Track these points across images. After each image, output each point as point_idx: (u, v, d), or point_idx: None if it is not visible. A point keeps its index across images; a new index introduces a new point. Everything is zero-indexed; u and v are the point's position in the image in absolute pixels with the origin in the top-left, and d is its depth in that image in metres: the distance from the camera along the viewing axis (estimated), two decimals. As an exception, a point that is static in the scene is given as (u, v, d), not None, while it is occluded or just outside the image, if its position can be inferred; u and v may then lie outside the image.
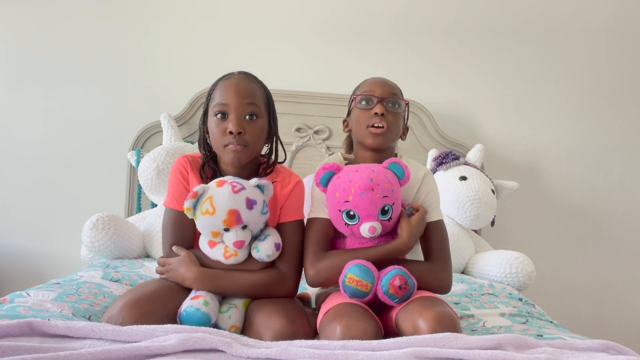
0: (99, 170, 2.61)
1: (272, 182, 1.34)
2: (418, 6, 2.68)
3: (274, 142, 1.42)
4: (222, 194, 1.24)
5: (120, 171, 2.55)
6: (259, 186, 1.29)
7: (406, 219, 1.31)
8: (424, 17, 2.68)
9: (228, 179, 1.29)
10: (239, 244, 1.26)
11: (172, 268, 1.31)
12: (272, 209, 1.34)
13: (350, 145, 1.53)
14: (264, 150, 1.44)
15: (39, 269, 2.61)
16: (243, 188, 1.26)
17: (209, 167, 1.37)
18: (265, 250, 1.29)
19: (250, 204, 1.25)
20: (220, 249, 1.29)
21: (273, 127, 1.41)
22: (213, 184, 1.28)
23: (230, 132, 1.29)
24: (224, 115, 1.31)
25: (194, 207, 1.26)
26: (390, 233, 1.34)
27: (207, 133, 1.38)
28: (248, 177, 1.34)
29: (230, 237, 1.25)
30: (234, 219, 1.24)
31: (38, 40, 2.61)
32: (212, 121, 1.33)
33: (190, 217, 1.27)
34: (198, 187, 1.26)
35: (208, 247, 1.30)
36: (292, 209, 1.38)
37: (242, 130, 1.29)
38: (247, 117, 1.31)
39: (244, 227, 1.26)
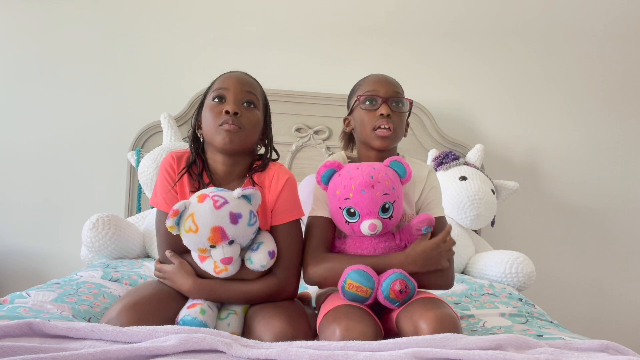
0: (99, 170, 2.61)
1: (259, 187, 1.30)
2: (418, 6, 2.68)
3: (268, 144, 1.39)
4: (203, 211, 1.18)
5: (120, 171, 2.55)
6: (244, 196, 1.23)
7: (424, 241, 1.28)
8: (425, 17, 2.68)
9: (209, 192, 1.22)
10: (226, 261, 1.21)
11: (168, 277, 1.29)
12: (261, 213, 1.30)
13: (348, 142, 1.52)
14: (258, 150, 1.41)
15: (39, 269, 2.61)
16: (226, 202, 1.19)
17: (199, 161, 1.33)
18: (258, 261, 1.24)
19: (234, 218, 1.18)
20: (210, 263, 1.24)
21: (268, 129, 1.39)
22: (194, 199, 1.21)
23: (227, 112, 1.26)
24: (222, 99, 1.30)
25: (177, 223, 1.20)
26: (392, 234, 1.34)
27: (199, 128, 1.35)
28: (239, 176, 1.32)
29: (218, 254, 1.20)
30: (218, 236, 1.18)
31: (38, 41, 2.61)
32: (208, 106, 1.30)
33: (175, 234, 1.22)
34: (179, 204, 1.20)
35: (199, 261, 1.26)
36: (285, 210, 1.33)
37: (239, 112, 1.27)
38: (245, 103, 1.30)
39: (231, 242, 1.20)
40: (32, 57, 2.61)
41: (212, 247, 1.20)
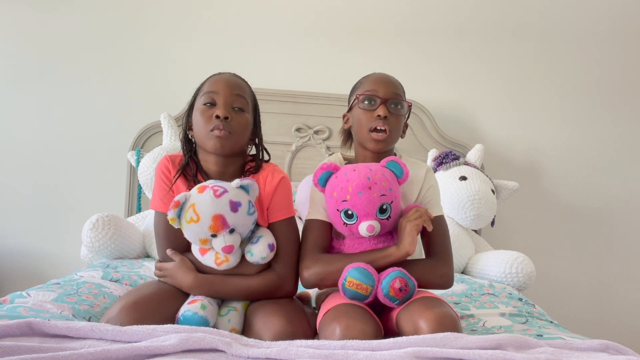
0: (99, 170, 2.61)
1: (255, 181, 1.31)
2: (419, 7, 2.68)
3: (258, 145, 1.40)
4: (204, 200, 1.21)
5: (120, 171, 2.55)
6: (242, 187, 1.26)
7: (409, 225, 1.27)
8: (425, 17, 2.68)
9: (209, 183, 1.25)
10: (228, 249, 1.23)
11: (169, 274, 1.30)
12: (258, 211, 1.31)
13: (346, 139, 1.52)
14: (249, 150, 1.42)
15: (39, 269, 2.61)
16: (225, 191, 1.22)
17: (192, 163, 1.34)
18: (259, 253, 1.26)
19: (234, 206, 1.22)
20: (211, 255, 1.26)
21: (258, 130, 1.40)
22: (194, 190, 1.24)
23: (217, 117, 1.27)
24: (212, 103, 1.30)
25: (178, 216, 1.23)
26: (390, 233, 1.34)
27: (190, 129, 1.36)
28: (232, 176, 1.33)
29: (219, 243, 1.22)
30: (219, 224, 1.21)
31: (38, 41, 2.61)
32: (199, 110, 1.31)
33: (176, 227, 1.24)
34: (179, 196, 1.23)
35: (200, 254, 1.28)
36: (280, 208, 1.34)
37: (229, 116, 1.28)
38: (235, 107, 1.31)
39: (232, 230, 1.22)
40: (31, 57, 2.61)
41: (214, 236, 1.22)
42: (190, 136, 1.37)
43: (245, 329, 1.27)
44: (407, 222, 1.27)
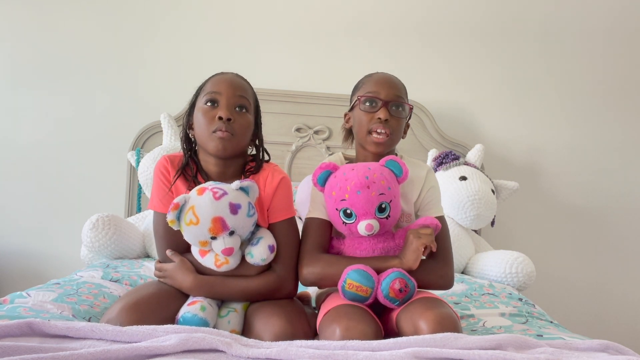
0: (99, 170, 2.61)
1: (255, 181, 1.30)
2: (418, 7, 2.68)
3: (259, 145, 1.40)
4: (203, 202, 1.20)
5: (120, 171, 2.55)
6: (242, 188, 1.26)
7: (415, 241, 1.25)
8: (424, 17, 2.68)
9: (209, 185, 1.25)
10: (227, 252, 1.23)
11: (169, 275, 1.29)
12: (258, 212, 1.30)
13: (347, 136, 1.52)
14: (250, 151, 1.42)
15: (39, 269, 2.61)
16: (225, 193, 1.22)
17: (192, 163, 1.34)
18: (259, 254, 1.26)
19: (234, 208, 1.21)
20: (211, 257, 1.26)
21: (259, 131, 1.40)
22: (194, 192, 1.24)
23: (220, 118, 1.26)
24: (214, 103, 1.30)
25: (178, 218, 1.22)
26: (392, 234, 1.34)
27: (190, 129, 1.36)
28: (232, 177, 1.32)
29: (218, 245, 1.22)
30: (219, 227, 1.20)
31: (38, 41, 2.61)
32: (201, 110, 1.30)
33: (176, 229, 1.24)
34: (179, 198, 1.22)
35: (199, 256, 1.28)
36: (281, 208, 1.34)
37: (232, 117, 1.28)
38: (237, 108, 1.30)
39: (232, 233, 1.22)
40: (31, 56, 2.61)
41: (213, 238, 1.22)
42: (190, 135, 1.36)
43: (245, 330, 1.26)
44: (414, 238, 1.24)
